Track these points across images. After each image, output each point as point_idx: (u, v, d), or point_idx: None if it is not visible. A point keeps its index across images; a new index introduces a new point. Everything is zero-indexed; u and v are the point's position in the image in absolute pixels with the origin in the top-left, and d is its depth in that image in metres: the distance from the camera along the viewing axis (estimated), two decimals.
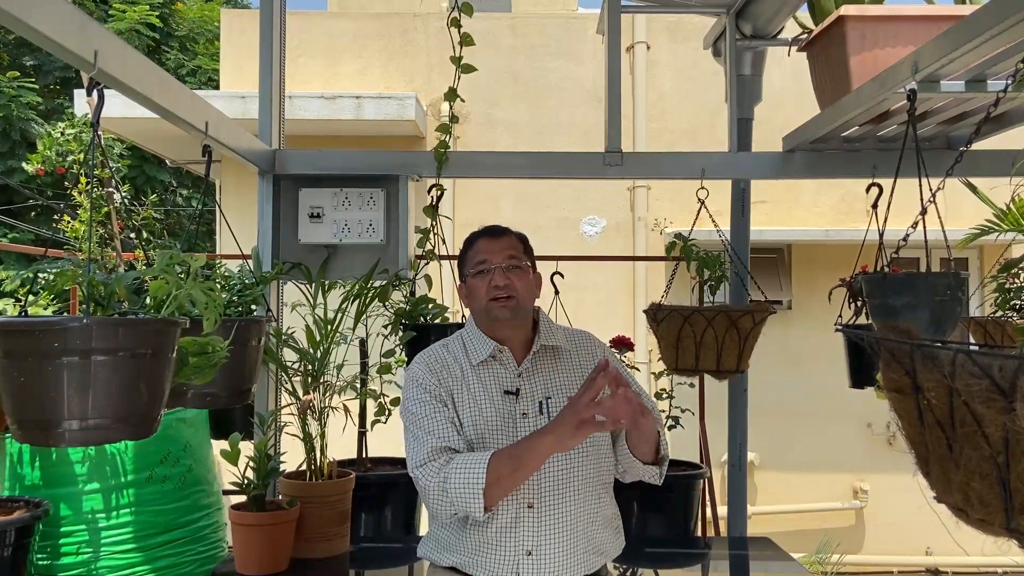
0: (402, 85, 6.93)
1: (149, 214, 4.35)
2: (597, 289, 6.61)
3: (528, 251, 2.10)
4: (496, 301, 1.99)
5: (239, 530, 2.47)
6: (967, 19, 1.78)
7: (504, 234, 2.08)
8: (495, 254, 2.02)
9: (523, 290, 2.02)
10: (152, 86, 1.88)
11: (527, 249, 2.10)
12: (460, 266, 2.13)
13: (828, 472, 6.93)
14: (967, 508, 0.99)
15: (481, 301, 2.01)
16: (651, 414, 1.95)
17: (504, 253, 2.02)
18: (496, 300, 1.99)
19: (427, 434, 1.93)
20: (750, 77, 3.39)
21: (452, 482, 1.83)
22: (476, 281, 2.03)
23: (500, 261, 2.01)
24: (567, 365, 2.06)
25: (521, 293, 2.01)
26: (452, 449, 1.91)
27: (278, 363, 2.69)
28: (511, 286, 1.99)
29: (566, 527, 1.93)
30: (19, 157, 10.26)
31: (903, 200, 2.11)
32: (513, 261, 2.02)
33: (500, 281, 1.99)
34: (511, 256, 2.02)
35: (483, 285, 2.01)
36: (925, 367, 1.00)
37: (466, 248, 2.11)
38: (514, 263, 2.02)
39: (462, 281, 2.12)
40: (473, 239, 2.10)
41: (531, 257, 2.10)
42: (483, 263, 2.02)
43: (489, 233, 2.08)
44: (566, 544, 1.93)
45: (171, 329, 1.46)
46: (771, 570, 2.97)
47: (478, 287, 2.02)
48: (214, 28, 11.82)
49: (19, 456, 2.60)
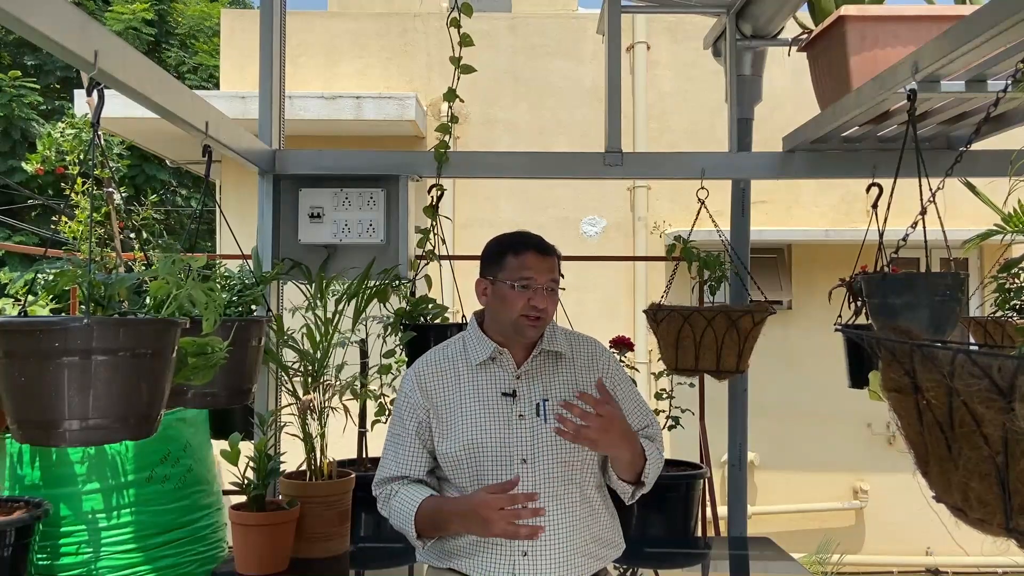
0: (402, 85, 6.93)
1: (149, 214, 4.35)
2: (597, 289, 6.61)
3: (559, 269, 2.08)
4: (527, 319, 1.97)
5: (239, 530, 2.48)
6: (967, 19, 1.78)
7: (551, 253, 2.04)
8: (542, 274, 1.98)
9: (552, 312, 2.02)
10: (152, 86, 1.88)
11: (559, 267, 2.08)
12: (489, 264, 2.05)
13: (828, 472, 6.92)
14: (966, 508, 0.99)
15: (511, 313, 1.98)
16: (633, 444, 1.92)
17: (549, 276, 1.99)
18: (527, 318, 1.97)
19: (388, 460, 2.06)
20: (750, 77, 3.39)
21: (393, 519, 2.01)
22: (513, 293, 1.98)
23: (544, 283, 1.98)
24: (567, 370, 2.06)
25: (550, 315, 2.02)
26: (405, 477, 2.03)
27: (278, 363, 2.69)
28: (549, 309, 1.99)
29: (562, 528, 1.93)
30: (19, 157, 10.27)
31: (903, 200, 2.11)
32: (554, 285, 2.01)
33: (541, 304, 1.97)
34: (553, 280, 2.01)
35: (520, 300, 1.97)
36: (924, 367, 1.00)
37: (505, 251, 2.02)
38: (554, 286, 2.01)
39: (485, 278, 2.04)
40: (519, 248, 2.01)
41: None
42: (528, 280, 1.97)
43: (539, 249, 2.02)
44: (562, 545, 1.93)
45: (171, 329, 1.46)
46: (771, 570, 2.97)
47: (513, 299, 1.97)
48: (214, 25, 11.82)
49: (19, 456, 2.60)
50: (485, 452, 1.95)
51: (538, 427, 1.96)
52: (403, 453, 2.03)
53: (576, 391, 1.98)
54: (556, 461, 1.95)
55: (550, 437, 1.94)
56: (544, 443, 1.95)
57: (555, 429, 1.81)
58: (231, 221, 2.28)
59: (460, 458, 1.97)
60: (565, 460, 1.96)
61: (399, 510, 1.98)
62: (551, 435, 1.93)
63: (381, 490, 2.05)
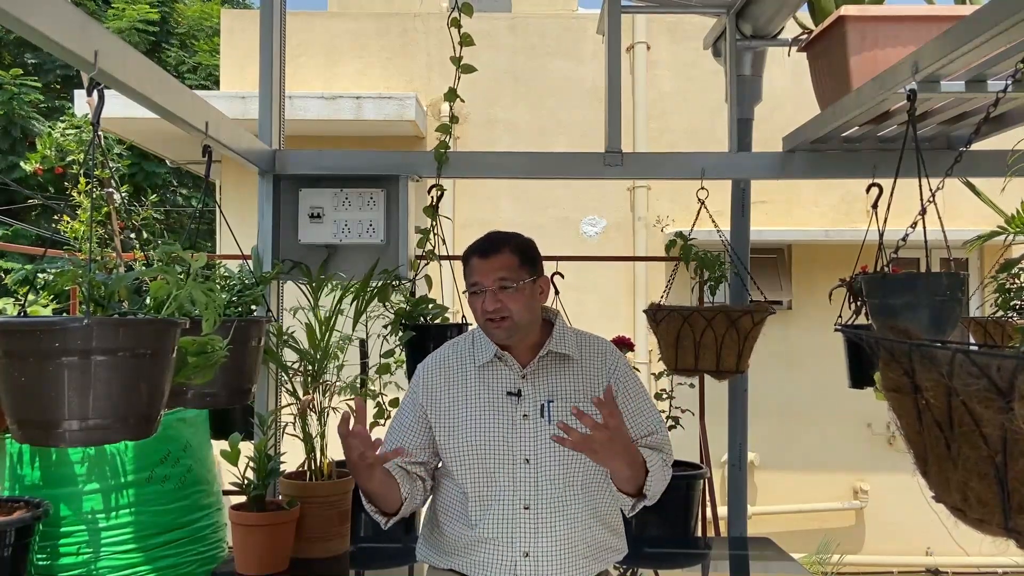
0: (402, 85, 6.92)
1: (149, 214, 4.35)
2: (597, 289, 6.61)
3: (528, 262, 1.99)
4: (491, 322, 1.96)
5: (239, 530, 2.48)
6: (967, 19, 1.78)
7: (496, 251, 1.97)
8: (486, 275, 1.95)
9: (518, 310, 1.95)
10: (152, 86, 1.88)
11: (526, 260, 1.99)
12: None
13: (828, 472, 6.92)
14: (965, 508, 0.99)
15: (478, 320, 2.01)
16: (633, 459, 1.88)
17: (494, 275, 1.94)
18: (491, 321, 1.96)
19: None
20: (750, 77, 3.39)
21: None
22: (471, 299, 2.00)
23: (491, 284, 1.94)
24: (573, 371, 2.04)
25: (516, 313, 1.95)
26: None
27: (278, 363, 2.69)
28: (503, 308, 1.94)
29: (564, 528, 1.93)
30: (20, 155, 10.26)
31: (903, 200, 2.11)
32: (504, 283, 1.94)
33: (490, 305, 1.94)
34: (502, 278, 1.94)
35: (477, 306, 1.98)
36: (924, 367, 1.00)
37: (464, 261, 2.03)
38: (504, 284, 1.94)
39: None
40: (467, 256, 2.02)
41: (533, 268, 2.00)
42: (475, 285, 1.98)
43: (480, 252, 1.99)
44: (564, 546, 1.92)
45: (171, 329, 1.46)
46: (771, 570, 2.97)
47: (473, 306, 2.00)
48: (214, 24, 11.81)
49: (19, 456, 2.60)
50: (488, 450, 1.96)
51: (542, 428, 1.95)
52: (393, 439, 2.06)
53: (583, 393, 1.99)
54: (559, 462, 1.94)
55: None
56: (547, 444, 1.94)
57: (554, 437, 1.78)
58: (231, 221, 2.28)
59: (464, 456, 1.97)
60: (568, 461, 1.95)
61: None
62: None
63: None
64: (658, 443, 2.06)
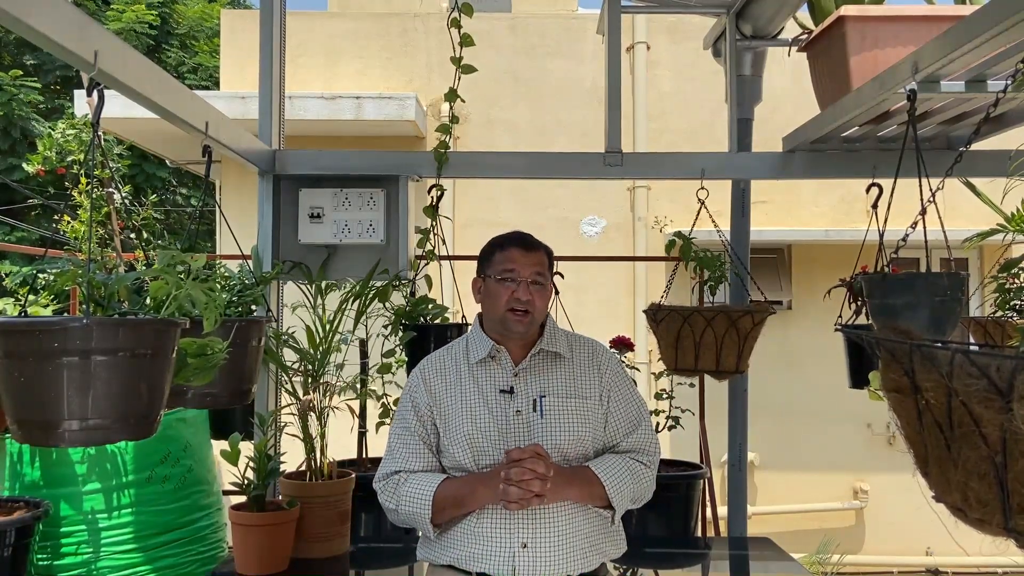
0: (402, 85, 6.92)
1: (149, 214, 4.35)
2: (597, 289, 6.61)
3: (551, 267, 2.12)
4: (514, 313, 2.02)
5: (239, 530, 2.48)
6: (967, 19, 1.78)
7: (537, 248, 2.09)
8: (525, 267, 2.04)
9: (541, 308, 2.06)
10: (152, 86, 1.88)
11: (551, 265, 2.12)
12: (481, 262, 2.13)
13: (828, 472, 6.92)
14: (966, 507, 0.99)
15: (498, 307, 2.04)
16: (578, 487, 1.95)
17: (533, 269, 2.04)
18: (514, 312, 2.02)
19: (392, 457, 2.06)
20: (750, 77, 3.39)
21: (403, 508, 1.99)
22: (498, 287, 2.04)
23: (527, 276, 2.03)
24: (564, 369, 2.09)
25: (538, 310, 2.05)
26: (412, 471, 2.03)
27: (278, 363, 2.69)
28: (532, 302, 2.02)
29: (562, 520, 1.95)
30: (20, 155, 10.26)
31: (903, 200, 2.11)
32: (539, 278, 2.05)
33: (524, 296, 2.02)
34: (538, 273, 2.05)
35: (505, 293, 2.03)
36: (924, 367, 1.00)
37: (494, 249, 2.10)
38: (539, 280, 2.05)
39: (479, 276, 2.12)
40: (505, 244, 2.09)
41: (551, 273, 2.13)
42: (511, 272, 2.03)
43: (523, 244, 2.08)
44: (562, 537, 1.94)
45: (171, 329, 1.46)
46: (771, 570, 2.97)
47: (499, 293, 2.04)
48: (214, 25, 11.81)
49: (19, 456, 2.60)
50: (483, 447, 1.99)
51: (534, 423, 2.00)
52: (411, 445, 2.06)
53: (574, 390, 2.06)
54: (554, 456, 1.96)
55: (547, 432, 1.98)
56: (540, 438, 1.97)
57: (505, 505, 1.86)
58: (231, 221, 2.28)
59: (461, 453, 2.00)
60: (563, 455, 1.99)
61: (413, 494, 1.97)
62: (548, 431, 1.98)
63: (387, 481, 2.06)
64: (636, 443, 2.09)
